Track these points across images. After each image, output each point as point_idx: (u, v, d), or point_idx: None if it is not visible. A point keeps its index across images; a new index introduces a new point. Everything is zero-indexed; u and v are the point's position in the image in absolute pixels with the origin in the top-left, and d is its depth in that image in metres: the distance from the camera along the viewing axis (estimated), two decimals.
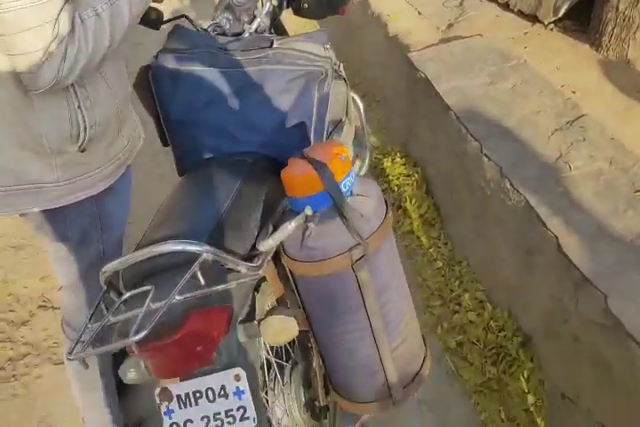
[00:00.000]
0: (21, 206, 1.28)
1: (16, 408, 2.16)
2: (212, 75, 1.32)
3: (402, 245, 2.61)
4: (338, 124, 1.48)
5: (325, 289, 1.16)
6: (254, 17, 1.71)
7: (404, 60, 2.83)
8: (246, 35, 1.64)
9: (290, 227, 1.09)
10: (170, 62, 1.35)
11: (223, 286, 1.04)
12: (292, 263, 1.15)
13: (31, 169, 1.23)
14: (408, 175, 2.83)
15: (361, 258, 1.09)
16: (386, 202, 1.21)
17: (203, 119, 1.35)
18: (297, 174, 1.10)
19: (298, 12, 1.80)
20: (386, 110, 3.34)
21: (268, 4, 1.70)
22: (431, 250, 2.56)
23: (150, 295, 0.95)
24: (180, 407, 1.12)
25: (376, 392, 1.27)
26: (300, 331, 1.24)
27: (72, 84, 1.16)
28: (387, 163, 2.91)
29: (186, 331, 0.99)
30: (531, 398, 1.93)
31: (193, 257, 0.98)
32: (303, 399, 1.49)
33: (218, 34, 1.66)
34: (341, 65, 1.47)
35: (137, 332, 0.89)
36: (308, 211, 1.10)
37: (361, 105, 1.80)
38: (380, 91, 3.44)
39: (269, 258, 1.17)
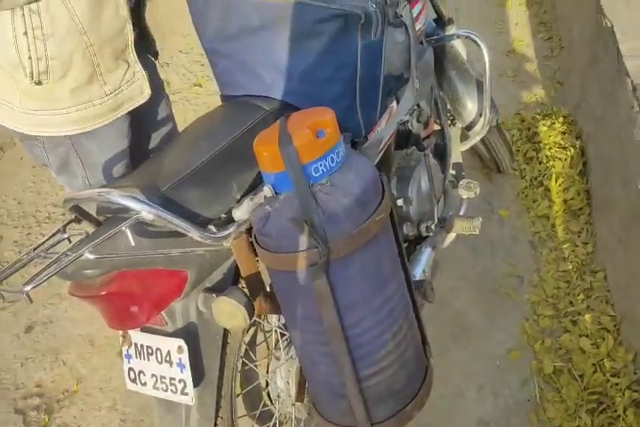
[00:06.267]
0: None
1: None
2: (244, 2, 1.14)
3: (530, 230, 2.15)
4: (399, 82, 1.26)
5: (281, 285, 1.00)
6: None
7: None
8: None
9: (250, 202, 0.97)
10: None
11: (155, 251, 0.96)
12: (255, 244, 0.99)
13: (2, 85, 1.19)
14: (564, 148, 2.29)
15: (315, 264, 0.89)
16: (381, 202, 0.95)
17: (232, 51, 1.21)
18: (258, 145, 0.92)
19: None
20: (567, 61, 2.73)
21: None
22: (565, 246, 2.07)
23: (72, 244, 0.93)
24: (137, 356, 1.13)
25: (340, 417, 1.09)
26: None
27: (22, 8, 1.07)
28: (542, 126, 2.38)
29: (111, 290, 0.96)
30: None
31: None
32: None
33: None
34: (406, 7, 1.15)
35: (29, 283, 0.85)
36: (267, 191, 0.93)
37: (486, 54, 1.61)
38: (567, 35, 2.82)
39: (242, 229, 1.01)
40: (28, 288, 0.85)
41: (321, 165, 0.88)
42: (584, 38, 2.46)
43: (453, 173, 1.72)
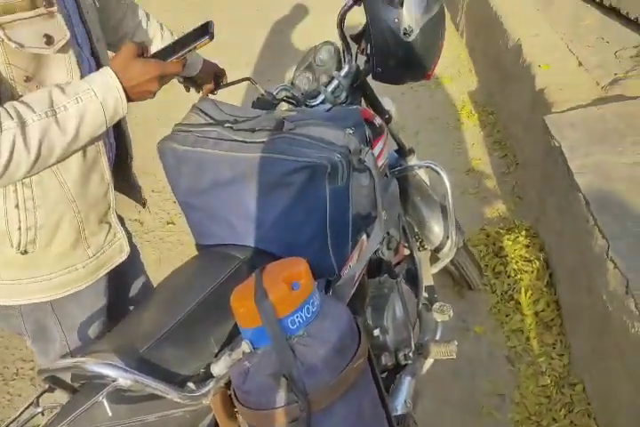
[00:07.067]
0: None
1: None
2: (215, 158, 1.19)
3: (506, 345, 2.17)
4: (368, 220, 1.32)
5: None
6: (332, 78, 1.61)
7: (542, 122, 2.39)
8: (322, 97, 1.59)
9: (228, 358, 0.97)
10: (178, 141, 1.24)
11: (133, 419, 0.94)
12: (235, 400, 0.97)
13: None
14: (529, 260, 2.37)
15: (296, 419, 0.89)
16: (358, 346, 0.97)
17: (204, 204, 1.26)
18: (235, 301, 0.94)
19: (374, 76, 1.57)
20: (523, 176, 2.89)
21: (347, 67, 1.60)
22: (541, 360, 2.08)
23: (45, 421, 0.93)
24: None
25: None
26: None
27: (15, 183, 1.08)
28: (507, 241, 2.47)
29: None
30: None
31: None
32: None
33: (284, 97, 1.59)
34: (369, 152, 1.22)
35: None
36: (245, 346, 0.94)
37: (447, 181, 1.74)
38: (520, 152, 3.00)
39: (221, 384, 1.00)
40: None
41: (297, 317, 0.91)
42: (536, 156, 2.61)
43: (426, 295, 1.76)
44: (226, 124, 1.23)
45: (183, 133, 1.24)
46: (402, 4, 1.43)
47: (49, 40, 1.01)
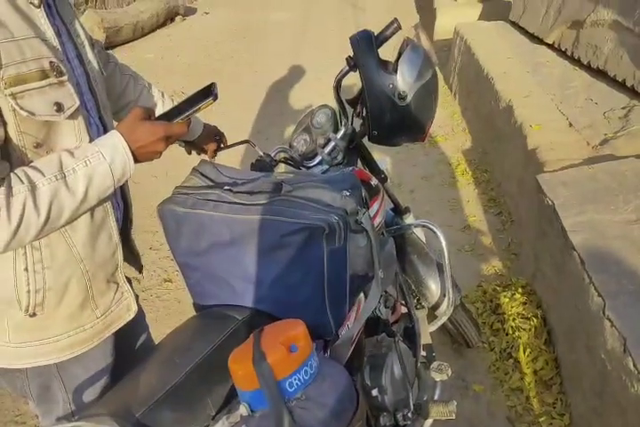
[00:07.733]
0: None
1: None
2: (214, 220, 1.21)
3: (506, 405, 2.14)
4: (365, 279, 1.32)
5: None
6: (329, 140, 1.65)
7: (535, 181, 2.44)
8: (319, 158, 1.63)
9: (226, 422, 0.96)
10: (178, 203, 1.26)
11: None
12: None
13: None
14: (527, 318, 2.37)
15: None
16: (356, 409, 0.96)
17: (203, 265, 1.27)
18: (233, 363, 0.94)
19: (369, 138, 1.61)
20: (518, 234, 2.93)
21: (343, 129, 1.65)
22: (542, 420, 2.05)
23: None
24: None
25: None
26: None
27: (24, 246, 1.09)
28: (504, 298, 2.47)
29: None
30: None
31: None
32: None
33: (282, 159, 1.63)
34: (365, 214, 1.24)
35: None
36: (243, 410, 0.93)
37: (443, 240, 1.75)
38: (515, 210, 3.05)
39: None
40: None
41: (295, 379, 0.91)
42: (530, 214, 2.66)
43: (424, 354, 1.75)
44: (225, 187, 1.25)
45: (183, 196, 1.26)
46: (396, 71, 1.48)
47: (59, 108, 1.05)
